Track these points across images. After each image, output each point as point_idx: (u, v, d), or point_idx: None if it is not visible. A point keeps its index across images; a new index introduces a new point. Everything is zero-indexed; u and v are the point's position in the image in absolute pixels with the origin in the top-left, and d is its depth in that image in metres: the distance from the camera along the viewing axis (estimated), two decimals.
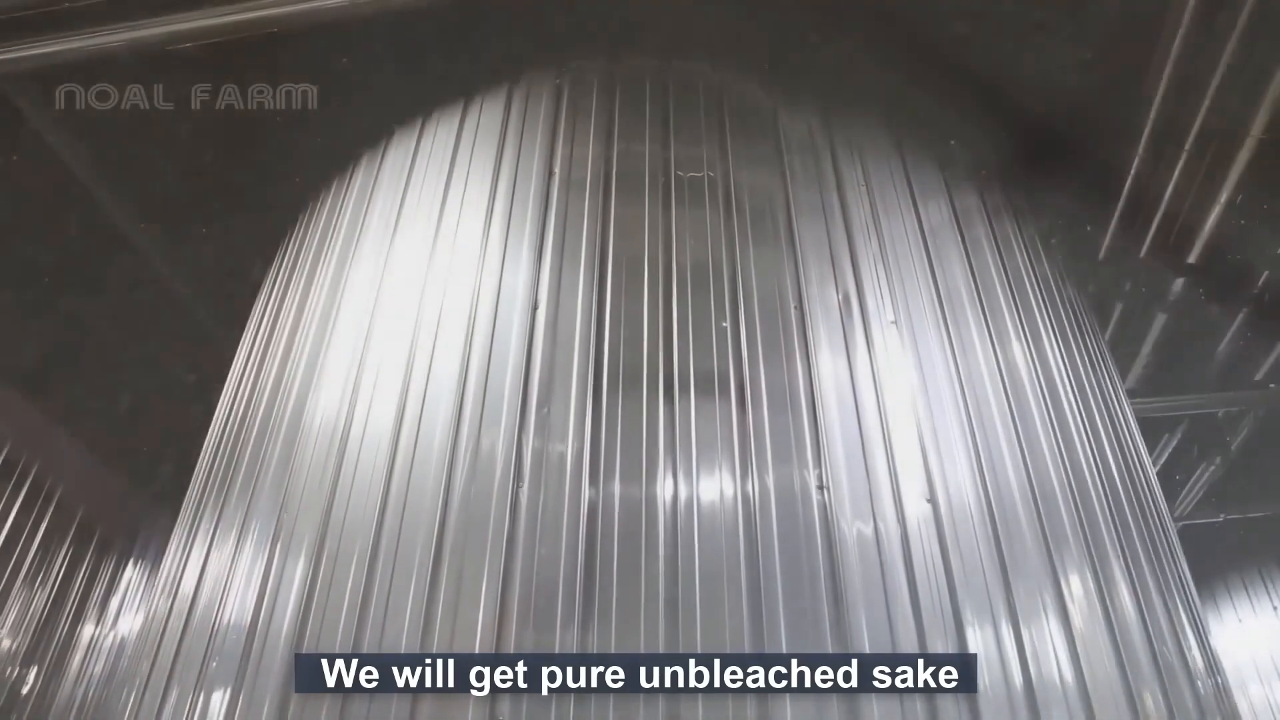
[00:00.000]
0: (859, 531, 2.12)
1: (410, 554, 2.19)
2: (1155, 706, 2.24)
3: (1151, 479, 3.04)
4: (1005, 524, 2.26)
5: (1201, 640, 2.86)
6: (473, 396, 2.40)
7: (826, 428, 2.25)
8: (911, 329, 2.51)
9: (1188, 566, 3.04)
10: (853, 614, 2.01)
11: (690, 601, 2.00)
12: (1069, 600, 2.23)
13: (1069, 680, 2.09)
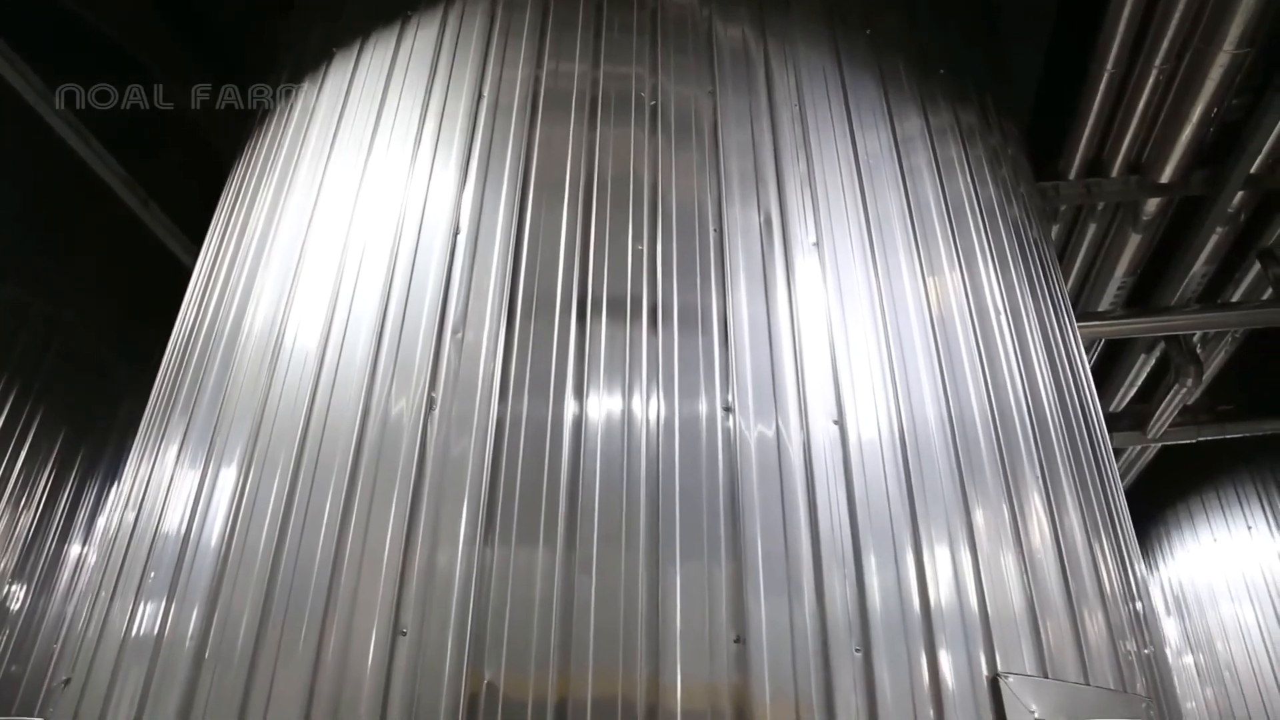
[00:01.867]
0: (763, 454, 2.13)
1: (329, 467, 2.24)
2: (1056, 634, 2.28)
3: (1090, 407, 3.04)
4: (917, 451, 2.27)
5: (1124, 567, 2.89)
6: (393, 317, 2.42)
7: (737, 351, 2.25)
8: (834, 253, 2.49)
9: (1123, 493, 3.06)
10: (749, 533, 2.03)
11: (589, 520, 2.04)
12: (978, 529, 2.25)
13: (970, 607, 2.12)
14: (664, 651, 1.92)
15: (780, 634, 1.95)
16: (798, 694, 1.90)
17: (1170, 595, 7.94)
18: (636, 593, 1.98)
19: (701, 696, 1.89)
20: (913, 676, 1.97)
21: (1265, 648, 6.79)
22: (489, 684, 1.91)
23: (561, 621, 1.96)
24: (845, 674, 1.93)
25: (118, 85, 3.86)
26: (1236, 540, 7.15)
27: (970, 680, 2.03)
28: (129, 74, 4.22)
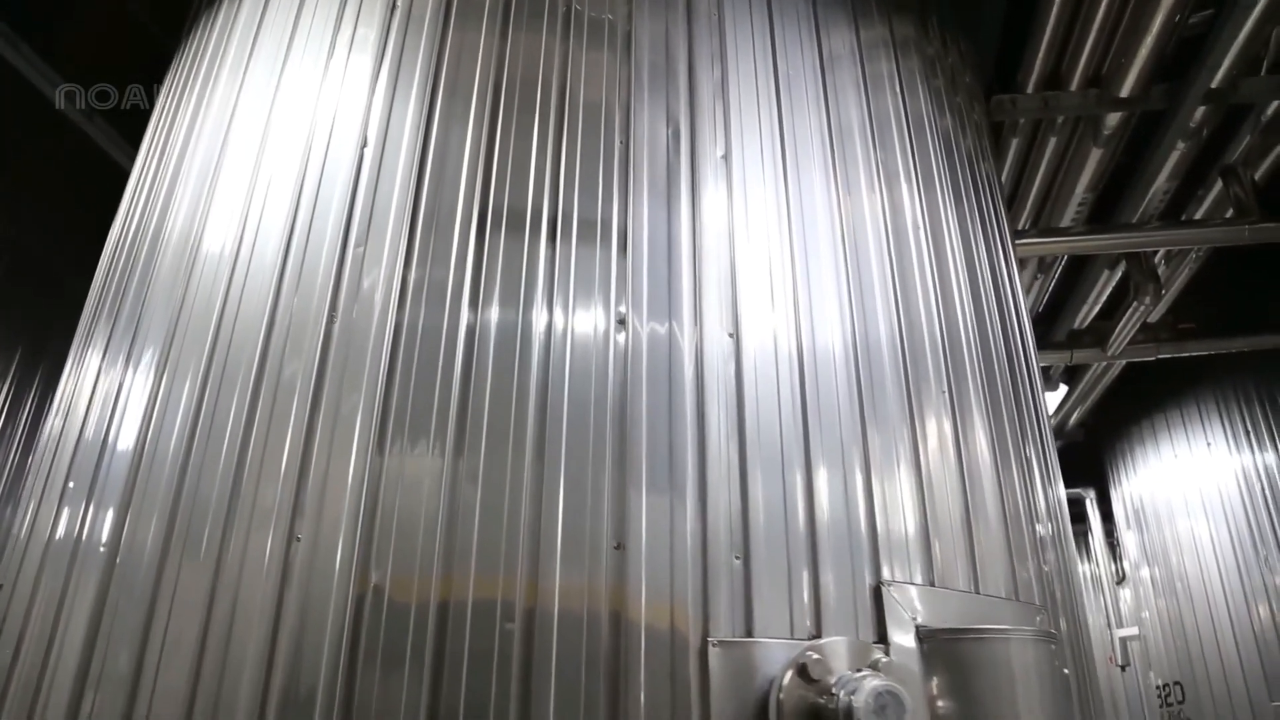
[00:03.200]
0: (654, 365, 2.16)
1: (235, 376, 2.27)
2: (950, 551, 2.34)
3: (1015, 328, 3.04)
4: (815, 368, 2.29)
5: (1031, 489, 2.94)
6: (300, 230, 2.42)
7: (634, 263, 2.25)
8: (743, 166, 2.46)
9: (1046, 417, 3.09)
10: (634, 442, 2.07)
11: (478, 429, 2.08)
12: (873, 447, 2.28)
13: (858, 522, 2.17)
14: (544, 556, 1.97)
15: (660, 541, 2.00)
16: (674, 598, 1.95)
17: (1130, 510, 8.08)
18: (520, 500, 2.02)
19: (579, 599, 1.94)
20: (792, 586, 2.02)
21: (1216, 560, 6.94)
22: (375, 587, 1.97)
23: (447, 527, 2.01)
24: (723, 581, 1.98)
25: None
26: (1196, 456, 7.24)
27: (852, 590, 2.08)
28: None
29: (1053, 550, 2.75)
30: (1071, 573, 2.85)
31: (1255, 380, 7.00)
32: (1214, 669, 6.88)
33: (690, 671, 1.90)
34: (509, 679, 1.89)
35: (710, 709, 1.88)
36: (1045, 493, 2.88)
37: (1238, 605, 6.75)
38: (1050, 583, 2.64)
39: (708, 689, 1.89)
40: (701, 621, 1.94)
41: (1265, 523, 6.69)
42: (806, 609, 2.02)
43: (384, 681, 1.89)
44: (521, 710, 1.87)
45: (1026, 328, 3.33)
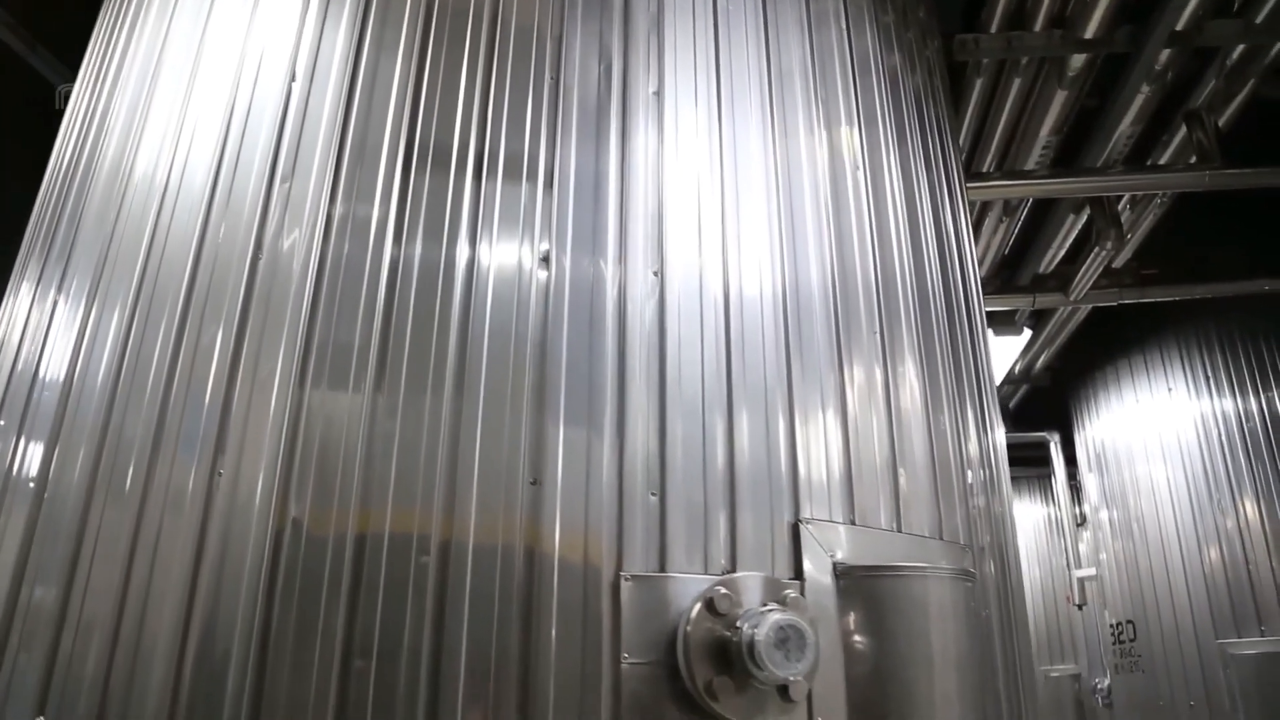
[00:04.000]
0: (576, 302, 2.15)
1: (162, 308, 2.25)
2: (873, 492, 2.36)
3: (957, 272, 3.04)
4: (741, 310, 2.28)
5: (984, 430, 2.97)
6: (228, 163, 2.39)
7: (560, 200, 2.23)
8: (676, 104, 2.43)
9: (988, 363, 3.10)
10: (554, 379, 2.07)
11: (398, 365, 2.07)
12: (797, 390, 2.29)
13: (778, 463, 2.19)
14: (460, 491, 1.98)
15: (576, 477, 2.01)
16: (588, 533, 1.97)
17: (1093, 454, 8.18)
18: (439, 435, 2.03)
19: (494, 534, 1.96)
20: (708, 523, 2.05)
21: (1172, 504, 7.06)
22: (294, 520, 1.98)
23: (366, 462, 2.01)
24: (638, 517, 2.00)
25: None
26: (1157, 401, 7.31)
27: (770, 528, 2.11)
28: None
29: (984, 494, 2.78)
30: (1004, 517, 2.90)
31: (1218, 327, 7.06)
32: (1164, 608, 7.04)
33: (602, 605, 1.93)
34: (423, 610, 1.92)
35: (621, 641, 1.91)
36: (981, 437, 2.92)
37: (1190, 548, 6.89)
38: (978, 525, 2.68)
39: (619, 622, 1.92)
40: (615, 556, 1.97)
41: (1220, 468, 6.80)
42: (722, 545, 2.05)
43: (302, 612, 1.91)
44: (435, 640, 1.90)
45: (971, 272, 3.33)
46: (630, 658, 1.90)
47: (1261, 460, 6.63)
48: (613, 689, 1.88)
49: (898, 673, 2.08)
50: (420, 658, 1.89)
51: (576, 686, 1.88)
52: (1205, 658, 6.65)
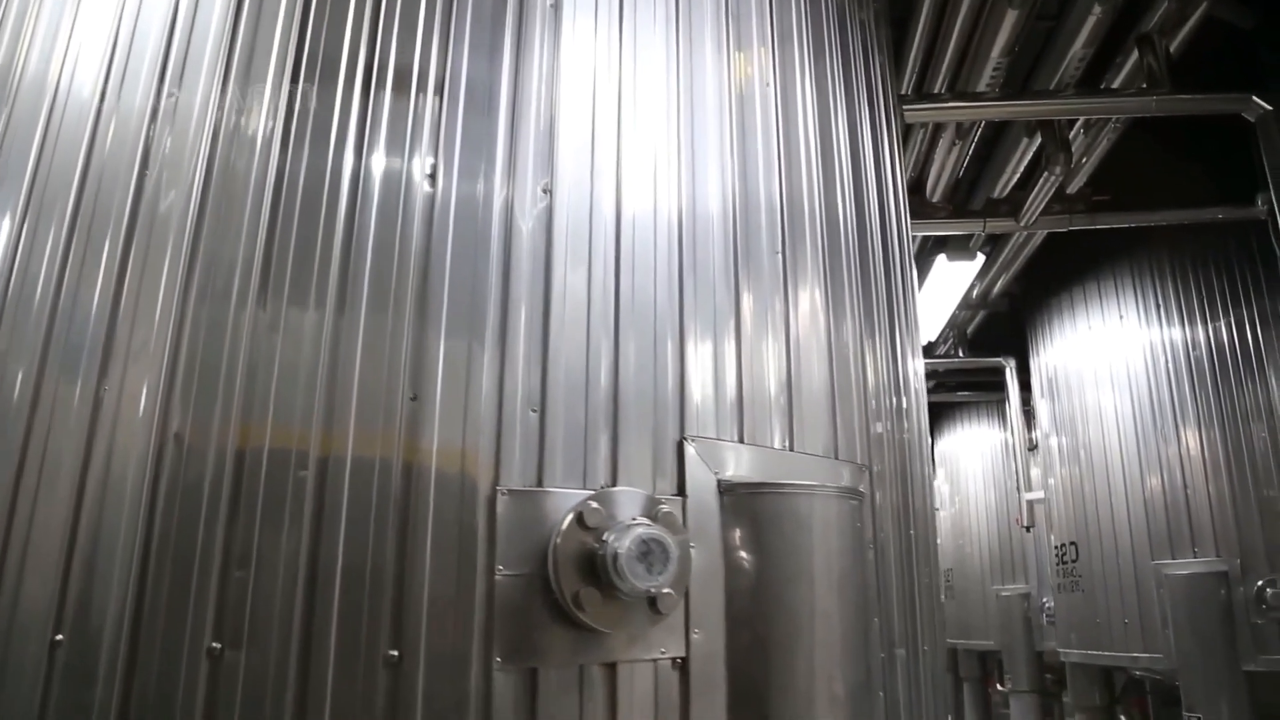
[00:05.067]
0: (464, 217, 2.13)
1: (49, 221, 2.21)
2: (764, 413, 2.39)
3: (872, 199, 3.01)
4: (633, 232, 2.27)
5: (898, 356, 2.99)
6: (115, 73, 2.32)
7: (449, 114, 2.19)
8: (575, 17, 2.37)
9: (905, 287, 3.11)
10: (436, 295, 2.06)
11: (281, 278, 2.06)
12: (689, 313, 2.29)
13: (666, 383, 2.20)
14: (340, 406, 1.99)
15: (456, 393, 2.02)
16: (465, 448, 1.99)
17: (1045, 380, 8.27)
18: (319, 349, 2.02)
19: (373, 448, 1.98)
20: (588, 439, 2.06)
21: (1118, 431, 7.18)
22: (176, 435, 1.98)
23: (246, 377, 2.01)
24: (517, 433, 2.02)
25: None
26: (1109, 329, 7.37)
27: (653, 445, 2.13)
28: None
29: (892, 420, 2.81)
30: (915, 444, 2.93)
31: (1171, 255, 7.08)
32: (1105, 531, 7.21)
33: (478, 518, 1.96)
34: (301, 525, 1.94)
35: (496, 554, 1.94)
36: (892, 364, 2.94)
37: (1132, 473, 7.02)
38: (884, 450, 2.71)
39: (494, 535, 1.95)
40: (493, 471, 1.99)
41: (1165, 396, 6.89)
42: (603, 462, 2.07)
43: (183, 525, 1.93)
44: (312, 553, 1.92)
45: (896, 198, 3.31)
46: (504, 570, 1.93)
47: (1205, 389, 6.73)
48: (486, 600, 1.92)
49: (778, 587, 2.13)
50: (297, 570, 1.91)
51: (451, 597, 1.92)
52: (1140, 578, 6.84)
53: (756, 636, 2.09)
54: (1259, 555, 6.32)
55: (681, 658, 2.03)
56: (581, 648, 1.93)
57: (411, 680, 1.88)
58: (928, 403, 9.66)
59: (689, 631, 2.04)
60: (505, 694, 1.89)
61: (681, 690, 2.02)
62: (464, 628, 1.91)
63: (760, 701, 2.06)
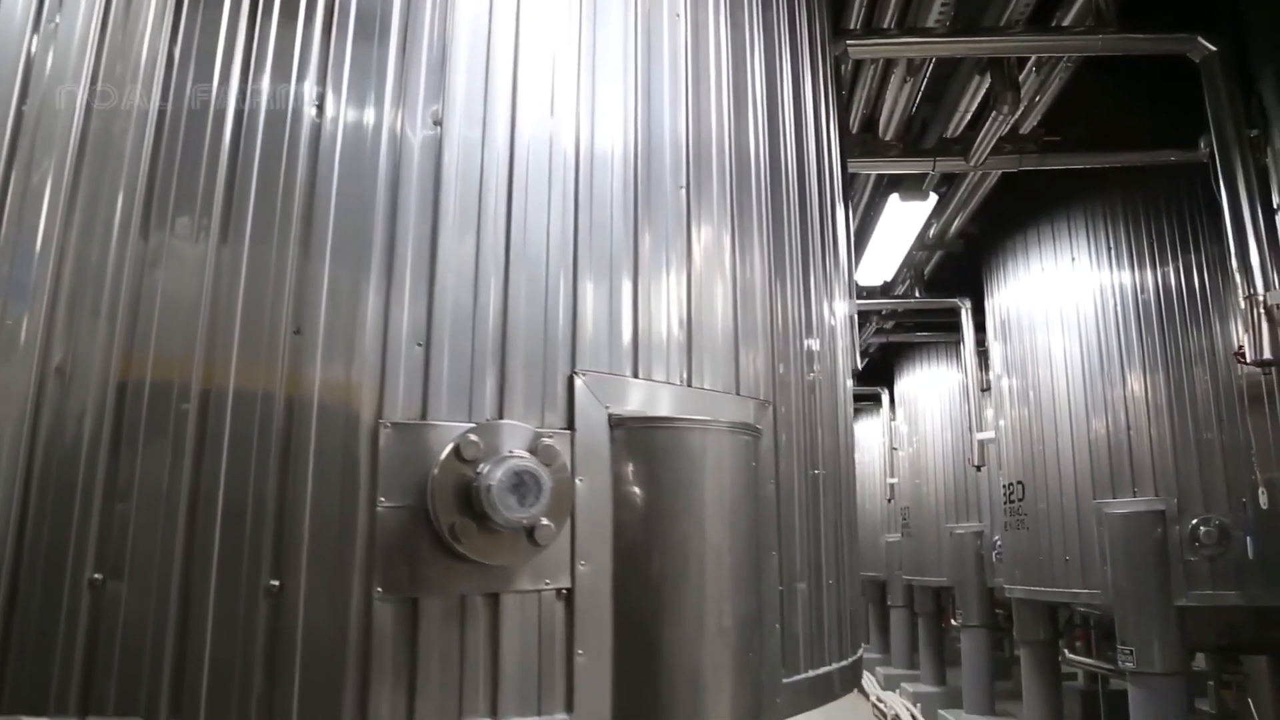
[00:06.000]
0: (352, 148, 2.10)
1: None
2: (708, 346, 2.40)
3: (791, 139, 2.97)
4: (527, 168, 2.24)
5: (813, 298, 2.99)
6: None
7: (337, 43, 2.15)
8: None
9: (823, 231, 3.09)
10: (320, 229, 2.04)
11: (164, 210, 2.03)
12: (583, 251, 2.28)
13: (558, 317, 2.19)
14: (222, 339, 1.98)
15: (340, 327, 2.00)
16: (348, 381, 1.98)
17: (999, 321, 8.33)
18: (201, 282, 2.00)
19: (255, 381, 1.97)
20: (474, 373, 2.06)
21: (1066, 373, 7.25)
22: (57, 368, 1.97)
23: (128, 310, 1.99)
24: (401, 366, 2.01)
25: None
26: (1061, 271, 7.41)
27: (543, 380, 2.13)
28: None
29: (801, 360, 2.82)
30: (823, 384, 2.94)
31: (1124, 198, 7.10)
32: (1051, 471, 7.33)
33: (360, 451, 1.96)
34: (182, 457, 1.94)
35: (378, 486, 1.95)
36: (806, 303, 2.94)
37: (1079, 416, 7.12)
38: (797, 390, 2.72)
39: (377, 468, 1.95)
40: (376, 404, 1.99)
41: (1112, 339, 6.96)
42: (489, 395, 2.07)
43: (64, 460, 1.92)
44: (193, 485, 1.93)
45: (820, 135, 3.28)
46: (386, 501, 1.94)
47: (1151, 333, 6.80)
48: (368, 531, 1.93)
49: (667, 520, 2.16)
50: (179, 501, 1.92)
51: (333, 528, 1.93)
52: (1082, 516, 6.98)
53: (644, 569, 2.12)
54: (1195, 495, 6.45)
55: (567, 589, 2.05)
56: (463, 578, 1.96)
57: (292, 609, 1.90)
58: (885, 342, 9.71)
59: (575, 563, 2.06)
60: (385, 623, 1.91)
61: (566, 621, 2.05)
62: (345, 558, 1.92)
63: (647, 632, 2.10)
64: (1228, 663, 7.30)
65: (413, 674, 1.91)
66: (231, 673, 1.86)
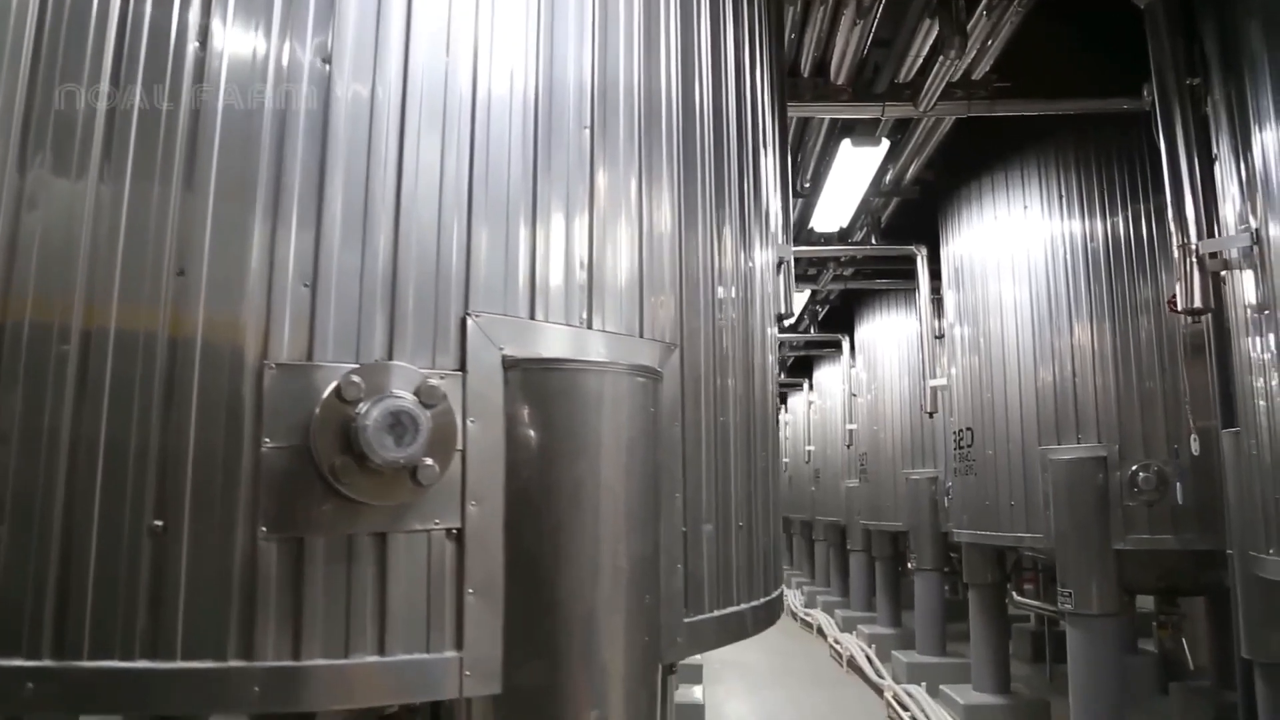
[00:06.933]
0: (237, 83, 2.05)
1: None
2: (610, 288, 2.40)
3: (705, 86, 2.92)
4: (419, 109, 2.20)
5: (735, 252, 2.98)
6: None
7: None
8: None
9: (731, 174, 3.06)
10: (204, 166, 2.01)
11: (41, 151, 1.98)
12: (478, 185, 2.25)
13: (450, 258, 2.17)
14: (102, 278, 1.95)
15: (224, 267, 1.98)
16: (232, 322, 1.97)
17: (953, 269, 8.36)
18: (81, 224, 1.97)
19: (137, 322, 1.95)
20: (363, 313, 2.05)
21: (1015, 322, 7.31)
22: None
23: (5, 249, 1.96)
24: (287, 307, 2.00)
25: None
26: (1014, 219, 7.42)
27: (434, 321, 2.11)
28: None
29: (712, 305, 2.80)
30: (734, 329, 2.92)
31: (1076, 146, 7.10)
32: (999, 418, 7.43)
33: (245, 392, 1.95)
34: (63, 398, 1.92)
35: (263, 427, 1.95)
36: (722, 249, 2.92)
37: (1026, 364, 7.19)
38: (697, 334, 2.70)
39: (261, 409, 1.95)
40: (261, 346, 1.97)
41: (1062, 288, 7.01)
42: (378, 337, 2.06)
43: None
44: (74, 426, 1.91)
45: (744, 79, 3.24)
46: (271, 442, 1.94)
47: (1099, 282, 6.85)
48: (252, 471, 1.93)
49: (559, 462, 2.17)
50: (59, 444, 1.91)
51: (217, 469, 1.93)
52: (1028, 462, 7.09)
53: (537, 510, 2.14)
54: (1136, 442, 6.56)
55: (457, 529, 2.07)
56: (348, 518, 1.97)
57: (176, 549, 1.90)
58: (845, 289, 9.71)
59: (465, 504, 2.08)
60: (270, 562, 1.92)
61: (457, 560, 2.07)
62: (230, 498, 1.92)
63: (540, 572, 2.12)
64: (1165, 604, 7.49)
65: (298, 612, 1.93)
66: (115, 612, 1.87)
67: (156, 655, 1.87)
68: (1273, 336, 4.20)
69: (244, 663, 1.89)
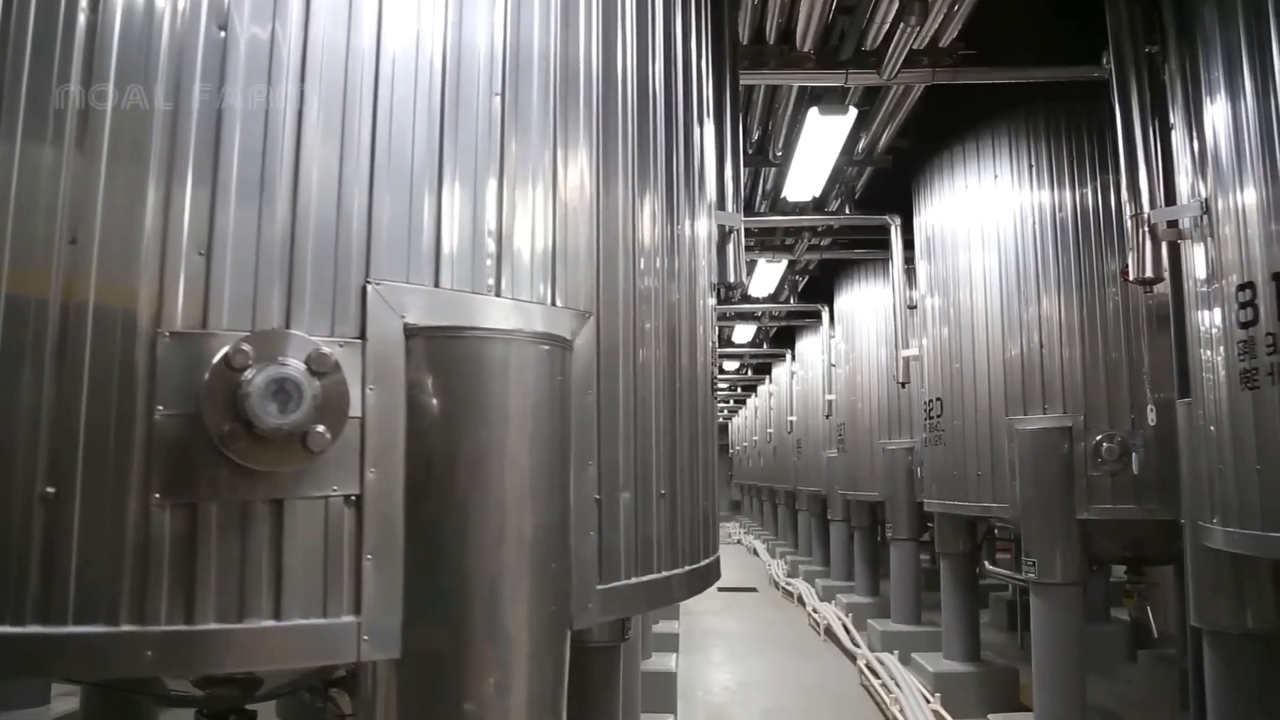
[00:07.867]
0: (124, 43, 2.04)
1: None
2: (519, 256, 2.40)
3: (636, 55, 2.90)
4: (321, 63, 2.18)
5: (664, 222, 2.97)
6: None
7: None
8: None
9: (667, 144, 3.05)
10: (96, 125, 2.00)
11: None
12: (380, 151, 2.24)
13: (352, 221, 2.17)
14: None
15: (117, 233, 1.98)
16: (126, 290, 1.96)
17: (925, 240, 8.35)
18: None
19: (27, 288, 1.95)
20: (260, 281, 2.04)
21: (985, 293, 7.31)
22: None
23: None
24: (181, 274, 1.99)
25: None
26: (984, 189, 7.40)
27: (333, 289, 2.11)
28: None
29: (632, 273, 2.79)
30: (655, 297, 2.91)
31: (1047, 115, 7.06)
32: (968, 388, 7.45)
33: (138, 359, 1.95)
34: None
35: (156, 395, 1.95)
36: (650, 218, 2.91)
37: (995, 335, 7.20)
38: (615, 302, 2.68)
39: (155, 376, 1.95)
40: (154, 314, 1.97)
41: (1031, 259, 7.00)
42: (276, 305, 2.06)
43: None
44: None
45: (674, 46, 3.21)
46: (165, 409, 1.95)
47: (1067, 253, 6.84)
48: (145, 438, 1.94)
49: (460, 429, 2.17)
50: None
51: (109, 436, 1.93)
52: (995, 432, 7.12)
53: (438, 477, 2.15)
54: (1101, 413, 6.59)
55: (355, 495, 2.08)
56: (242, 485, 1.97)
57: (68, 515, 1.91)
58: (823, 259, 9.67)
59: (364, 470, 2.08)
60: (163, 528, 1.93)
61: (355, 527, 2.08)
62: (122, 465, 1.93)
63: (440, 538, 2.14)
64: (1134, 573, 7.56)
65: (191, 577, 1.94)
66: (6, 577, 1.88)
67: (49, 620, 1.89)
68: (1219, 310, 4.20)
69: (136, 627, 1.91)
